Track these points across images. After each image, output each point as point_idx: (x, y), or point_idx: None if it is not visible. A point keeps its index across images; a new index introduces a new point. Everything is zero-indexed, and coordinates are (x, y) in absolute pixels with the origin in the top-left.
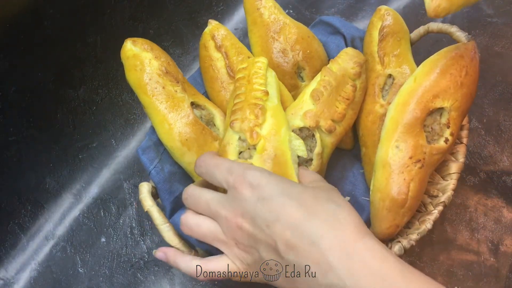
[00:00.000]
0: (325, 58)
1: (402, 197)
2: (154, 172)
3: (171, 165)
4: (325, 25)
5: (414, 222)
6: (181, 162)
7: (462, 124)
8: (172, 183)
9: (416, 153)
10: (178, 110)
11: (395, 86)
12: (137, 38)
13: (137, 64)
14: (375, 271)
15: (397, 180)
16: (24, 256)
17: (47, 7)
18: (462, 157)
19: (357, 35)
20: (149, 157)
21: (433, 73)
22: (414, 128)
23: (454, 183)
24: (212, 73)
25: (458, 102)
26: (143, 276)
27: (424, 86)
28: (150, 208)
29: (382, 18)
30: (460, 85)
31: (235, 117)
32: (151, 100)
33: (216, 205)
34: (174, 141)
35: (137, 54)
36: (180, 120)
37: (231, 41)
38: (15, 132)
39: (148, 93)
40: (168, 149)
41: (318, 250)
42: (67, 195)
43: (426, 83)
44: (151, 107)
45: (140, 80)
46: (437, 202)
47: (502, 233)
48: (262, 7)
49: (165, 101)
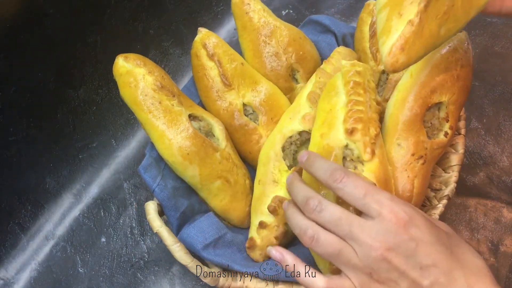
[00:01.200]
0: (318, 58)
1: (407, 195)
2: (158, 189)
3: (173, 180)
4: (315, 24)
5: None
6: (184, 176)
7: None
8: (176, 199)
9: (418, 150)
10: (177, 124)
11: (390, 81)
12: (129, 54)
13: (131, 80)
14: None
15: (401, 178)
16: (24, 256)
17: (47, 7)
18: (462, 148)
19: (347, 32)
20: (152, 175)
21: (429, 68)
22: (414, 124)
23: (456, 175)
24: (206, 82)
25: (456, 95)
26: (143, 276)
27: (421, 82)
28: (159, 229)
29: (371, 13)
30: (456, 78)
31: (356, 125)
32: (148, 116)
33: (356, 228)
34: (175, 156)
35: (130, 70)
36: (179, 135)
37: (223, 48)
38: (15, 132)
39: (145, 109)
40: (169, 164)
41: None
42: (67, 195)
43: (422, 78)
44: (148, 124)
45: (135, 97)
46: (441, 196)
47: (502, 233)
48: (251, 11)
49: (162, 116)
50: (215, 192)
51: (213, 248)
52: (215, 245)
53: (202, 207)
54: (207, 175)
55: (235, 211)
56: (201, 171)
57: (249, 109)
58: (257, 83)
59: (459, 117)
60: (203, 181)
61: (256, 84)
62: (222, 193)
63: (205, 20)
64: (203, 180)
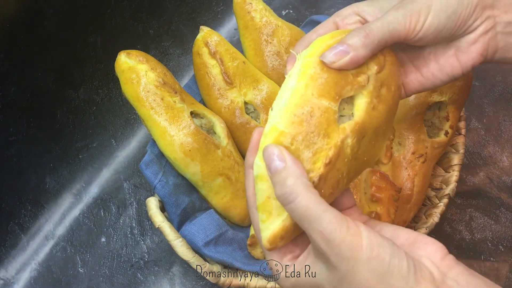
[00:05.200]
0: None
1: (407, 193)
2: (159, 186)
3: (174, 177)
4: (316, 24)
5: (420, 217)
6: (185, 173)
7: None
8: (177, 196)
9: (418, 148)
10: (179, 121)
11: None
12: (131, 50)
13: (133, 77)
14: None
15: (402, 176)
16: (24, 256)
17: (47, 7)
18: (462, 148)
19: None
20: (153, 171)
21: None
22: (415, 123)
23: (457, 174)
24: (208, 80)
25: (456, 94)
26: (143, 276)
27: None
28: (161, 224)
29: None
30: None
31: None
32: (150, 112)
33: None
34: (177, 153)
35: (132, 66)
36: (181, 131)
37: (225, 46)
38: (15, 132)
39: (146, 106)
40: (171, 161)
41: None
42: (67, 195)
43: None
44: (150, 120)
45: (137, 93)
46: (441, 195)
47: (502, 233)
48: (252, 10)
49: (164, 112)
50: (216, 189)
51: (214, 245)
52: (216, 242)
53: (203, 204)
54: (208, 172)
55: (236, 209)
56: (203, 168)
57: (251, 108)
58: (259, 81)
59: (460, 117)
60: (205, 178)
61: (257, 83)
62: (223, 191)
63: (205, 20)
64: (204, 177)
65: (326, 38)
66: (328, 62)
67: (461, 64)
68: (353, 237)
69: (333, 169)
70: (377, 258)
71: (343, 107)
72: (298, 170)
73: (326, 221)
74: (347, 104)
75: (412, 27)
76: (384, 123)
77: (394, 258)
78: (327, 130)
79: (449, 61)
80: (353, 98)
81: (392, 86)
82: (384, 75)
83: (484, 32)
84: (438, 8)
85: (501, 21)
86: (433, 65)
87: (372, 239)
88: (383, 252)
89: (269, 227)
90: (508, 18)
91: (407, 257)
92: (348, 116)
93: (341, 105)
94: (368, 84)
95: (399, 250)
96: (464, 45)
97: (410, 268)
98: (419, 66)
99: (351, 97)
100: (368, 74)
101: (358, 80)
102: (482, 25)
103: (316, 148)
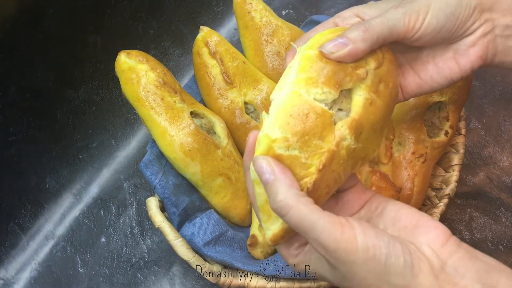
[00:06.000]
0: None
1: (407, 193)
2: (159, 186)
3: (174, 176)
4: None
5: None
6: (185, 173)
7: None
8: (177, 196)
9: (418, 148)
10: (179, 121)
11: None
12: (131, 50)
13: (133, 77)
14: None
15: (402, 176)
16: (24, 256)
17: (47, 7)
18: (462, 148)
19: None
20: (153, 171)
21: None
22: (415, 123)
23: (457, 174)
24: (208, 80)
25: (456, 95)
26: (143, 276)
27: None
28: (161, 224)
29: None
30: None
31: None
32: (150, 112)
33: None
34: (177, 153)
35: (132, 66)
36: (181, 131)
37: (225, 46)
38: (15, 132)
39: (146, 106)
40: (171, 161)
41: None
42: (67, 195)
43: None
44: (150, 120)
45: (137, 93)
46: (441, 195)
47: (502, 233)
48: (252, 10)
49: (164, 112)
50: (216, 189)
51: (214, 245)
52: (216, 242)
53: (203, 204)
54: (208, 172)
55: (236, 209)
56: (203, 168)
57: (251, 108)
58: (259, 81)
59: (460, 117)
60: (205, 178)
61: (257, 83)
62: (223, 191)
63: (205, 20)
64: (204, 177)
65: (326, 32)
66: (327, 52)
67: (460, 67)
68: (348, 242)
69: (328, 172)
70: (373, 259)
71: (341, 100)
72: (288, 181)
73: (319, 229)
74: (345, 98)
75: (411, 25)
76: (381, 119)
77: (390, 258)
78: (323, 133)
79: (448, 64)
80: (351, 92)
81: (390, 83)
82: (382, 72)
83: (482, 35)
84: (437, 8)
85: (499, 24)
86: (432, 68)
87: (367, 241)
88: (378, 253)
89: (270, 228)
90: (506, 21)
91: (403, 253)
92: (346, 112)
93: (339, 98)
94: (367, 78)
95: (394, 247)
96: (463, 48)
97: (407, 265)
98: (417, 69)
99: (349, 90)
100: (367, 68)
101: (357, 73)
102: (481, 28)
103: (310, 152)
